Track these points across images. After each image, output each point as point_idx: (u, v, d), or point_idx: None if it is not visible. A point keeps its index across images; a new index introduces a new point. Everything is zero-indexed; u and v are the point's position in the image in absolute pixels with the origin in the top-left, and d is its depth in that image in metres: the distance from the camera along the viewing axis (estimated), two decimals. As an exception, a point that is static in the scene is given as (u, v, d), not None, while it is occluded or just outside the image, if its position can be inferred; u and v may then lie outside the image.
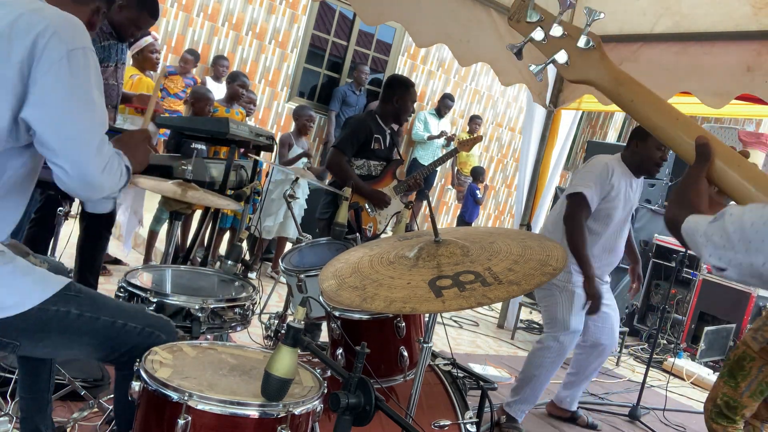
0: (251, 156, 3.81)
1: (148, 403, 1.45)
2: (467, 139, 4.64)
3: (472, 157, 8.98)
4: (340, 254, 1.78)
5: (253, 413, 1.40)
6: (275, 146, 4.40)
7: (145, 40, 4.58)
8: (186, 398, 1.36)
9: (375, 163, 3.81)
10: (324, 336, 3.06)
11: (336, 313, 1.97)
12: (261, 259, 5.41)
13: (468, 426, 2.10)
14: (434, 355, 2.36)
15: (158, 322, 1.71)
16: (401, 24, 4.37)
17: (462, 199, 8.68)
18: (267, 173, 5.32)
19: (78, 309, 1.57)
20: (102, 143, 1.51)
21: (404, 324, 1.95)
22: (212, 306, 2.11)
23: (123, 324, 1.63)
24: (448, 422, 2.04)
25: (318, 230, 3.90)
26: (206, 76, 7.05)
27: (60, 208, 2.55)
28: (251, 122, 5.99)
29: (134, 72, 4.67)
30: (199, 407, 1.37)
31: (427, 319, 1.79)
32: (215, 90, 5.71)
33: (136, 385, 1.47)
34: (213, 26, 7.43)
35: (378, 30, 8.55)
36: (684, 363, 5.76)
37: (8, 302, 1.48)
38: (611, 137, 11.90)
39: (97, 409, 2.40)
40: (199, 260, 4.23)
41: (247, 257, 3.73)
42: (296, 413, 1.43)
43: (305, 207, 5.44)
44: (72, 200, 2.78)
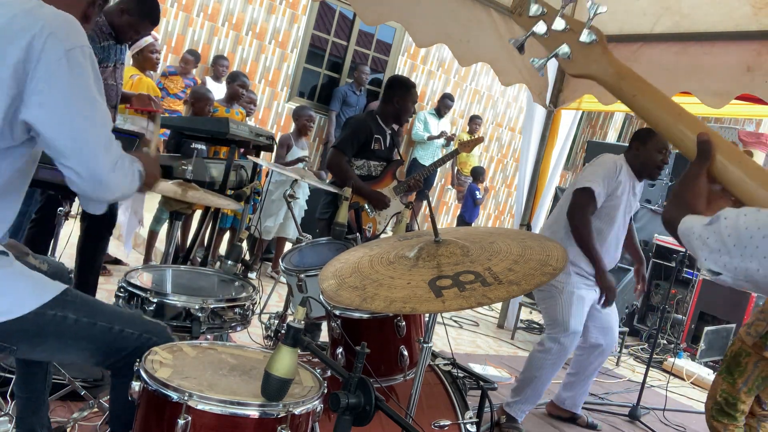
0: (250, 157, 3.81)
1: (148, 403, 1.45)
2: (468, 141, 4.63)
3: (472, 157, 8.97)
4: (340, 254, 1.78)
5: (253, 413, 1.40)
6: (275, 146, 4.40)
7: (145, 40, 4.58)
8: (186, 398, 1.37)
9: (375, 164, 3.81)
10: (324, 336, 3.06)
11: (336, 313, 1.97)
12: (261, 259, 5.41)
13: (468, 426, 2.10)
14: (434, 355, 2.36)
15: (155, 328, 1.71)
16: (401, 24, 4.36)
17: (462, 199, 8.68)
18: (267, 173, 5.32)
19: (75, 314, 1.56)
20: (110, 141, 1.50)
21: (404, 324, 1.95)
22: (212, 306, 2.11)
23: (120, 329, 1.63)
24: (448, 422, 2.04)
25: (318, 230, 3.90)
26: (206, 76, 7.04)
27: (60, 208, 2.55)
28: (251, 122, 5.99)
29: (134, 72, 4.67)
30: (199, 407, 1.37)
31: (427, 319, 1.79)
32: (215, 90, 5.71)
33: (136, 385, 1.47)
34: (213, 26, 7.43)
35: (378, 30, 8.54)
36: (684, 363, 5.76)
37: (4, 307, 1.48)
38: (611, 137, 11.90)
39: (97, 409, 2.39)
40: (199, 260, 4.23)
41: (247, 257, 3.73)
42: (296, 413, 1.43)
43: (305, 208, 5.44)
44: (72, 200, 2.77)
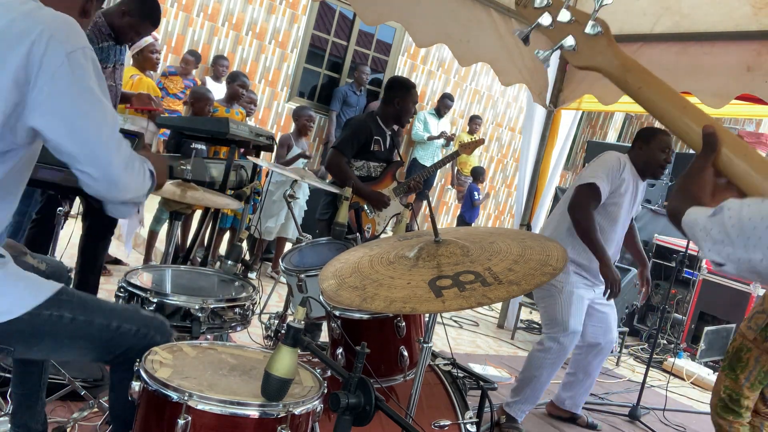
0: (250, 157, 3.82)
1: (148, 403, 1.45)
2: (469, 142, 4.61)
3: (473, 158, 8.97)
4: (340, 254, 1.78)
5: (253, 413, 1.40)
6: (275, 146, 4.40)
7: (145, 41, 4.58)
8: (186, 398, 1.37)
9: (375, 165, 3.81)
10: (324, 336, 3.06)
11: (336, 313, 1.97)
12: (261, 259, 5.41)
13: (468, 426, 2.10)
14: (434, 355, 2.36)
15: (153, 323, 1.70)
16: (401, 24, 4.36)
17: (462, 199, 8.68)
18: (267, 173, 5.32)
19: (71, 313, 1.56)
20: (119, 141, 1.50)
21: (404, 324, 1.95)
22: (212, 306, 2.11)
23: (117, 326, 1.62)
24: (448, 422, 2.05)
25: (318, 231, 3.89)
26: (206, 76, 7.04)
27: (60, 208, 2.55)
28: (251, 122, 5.99)
29: (134, 72, 4.67)
30: (199, 407, 1.37)
31: (427, 319, 1.79)
32: (215, 90, 5.70)
33: (136, 385, 1.47)
34: (213, 26, 7.43)
35: (378, 30, 8.54)
36: (684, 363, 5.76)
37: (0, 308, 1.47)
38: (611, 137, 11.90)
39: (97, 409, 2.39)
40: (199, 260, 4.23)
41: (247, 257, 3.73)
42: (296, 413, 1.43)
43: (305, 208, 5.44)
44: (72, 200, 2.77)
